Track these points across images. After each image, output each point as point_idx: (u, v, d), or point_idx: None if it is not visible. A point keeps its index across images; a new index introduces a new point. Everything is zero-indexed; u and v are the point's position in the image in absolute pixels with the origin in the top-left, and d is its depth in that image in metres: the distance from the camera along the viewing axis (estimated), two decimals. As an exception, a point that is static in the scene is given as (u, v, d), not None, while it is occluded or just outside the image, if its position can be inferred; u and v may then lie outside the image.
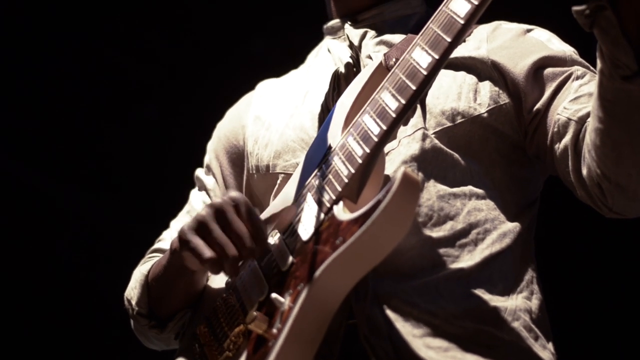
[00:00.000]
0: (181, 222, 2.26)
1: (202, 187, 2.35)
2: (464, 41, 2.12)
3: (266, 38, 4.23)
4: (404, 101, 1.83)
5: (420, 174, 1.98)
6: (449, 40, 1.81)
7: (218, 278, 2.08)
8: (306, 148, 2.10)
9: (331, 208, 1.84)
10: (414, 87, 1.83)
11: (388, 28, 2.20)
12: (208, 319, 2.01)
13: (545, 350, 1.97)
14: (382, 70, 2.02)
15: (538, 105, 2.04)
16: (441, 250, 1.95)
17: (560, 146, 1.98)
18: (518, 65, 2.07)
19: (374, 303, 1.90)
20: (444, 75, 2.07)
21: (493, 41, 2.12)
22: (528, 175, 2.11)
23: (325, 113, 2.12)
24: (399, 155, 2.00)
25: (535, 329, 1.97)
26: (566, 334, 2.44)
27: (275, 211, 2.01)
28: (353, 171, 1.84)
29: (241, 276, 1.97)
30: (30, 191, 4.33)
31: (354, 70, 2.15)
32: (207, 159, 2.37)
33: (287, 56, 2.62)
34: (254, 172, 2.21)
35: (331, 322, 1.79)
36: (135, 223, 4.17)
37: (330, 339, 1.84)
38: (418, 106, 2.04)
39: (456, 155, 2.03)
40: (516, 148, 2.08)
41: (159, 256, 2.20)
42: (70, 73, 4.28)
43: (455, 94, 2.06)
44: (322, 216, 1.85)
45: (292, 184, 2.02)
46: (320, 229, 1.83)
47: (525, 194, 2.10)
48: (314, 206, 1.89)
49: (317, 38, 2.37)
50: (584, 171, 1.92)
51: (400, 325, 1.89)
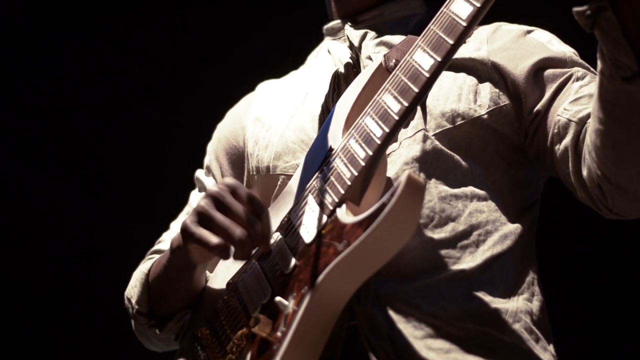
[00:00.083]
0: (181, 223, 2.26)
1: (202, 188, 2.35)
2: (465, 42, 2.11)
3: (266, 38, 4.21)
4: (407, 103, 1.83)
5: (422, 175, 1.98)
6: (451, 42, 1.81)
7: (218, 279, 2.08)
8: (306, 149, 2.10)
9: (334, 210, 1.83)
10: (416, 89, 1.82)
11: (388, 29, 2.20)
12: (209, 321, 2.00)
13: (546, 352, 1.97)
14: (382, 71, 2.02)
15: (538, 106, 2.04)
16: (442, 251, 1.95)
17: (560, 147, 1.98)
18: (518, 66, 2.07)
19: (376, 304, 1.90)
20: (444, 76, 2.07)
21: (493, 42, 2.12)
22: (528, 176, 2.11)
23: (325, 114, 2.12)
24: (400, 156, 2.00)
25: (536, 331, 1.97)
26: (567, 336, 2.45)
27: (275, 212, 2.00)
28: (356, 173, 1.84)
29: (242, 278, 1.96)
30: (30, 191, 4.31)
31: (354, 71, 2.15)
32: (207, 160, 2.37)
33: (287, 57, 2.63)
34: (255, 174, 2.21)
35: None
36: (135, 223, 4.16)
37: (332, 341, 1.84)
38: (418, 108, 2.03)
39: (457, 156, 2.02)
40: (516, 149, 2.08)
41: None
42: (70, 73, 4.27)
43: (455, 96, 2.05)
44: (325, 218, 1.85)
45: (293, 186, 2.02)
46: (323, 232, 1.83)
47: (525, 196, 2.10)
48: (316, 208, 1.88)
49: (317, 38, 2.37)
50: (584, 172, 1.92)
51: (401, 326, 1.89)
